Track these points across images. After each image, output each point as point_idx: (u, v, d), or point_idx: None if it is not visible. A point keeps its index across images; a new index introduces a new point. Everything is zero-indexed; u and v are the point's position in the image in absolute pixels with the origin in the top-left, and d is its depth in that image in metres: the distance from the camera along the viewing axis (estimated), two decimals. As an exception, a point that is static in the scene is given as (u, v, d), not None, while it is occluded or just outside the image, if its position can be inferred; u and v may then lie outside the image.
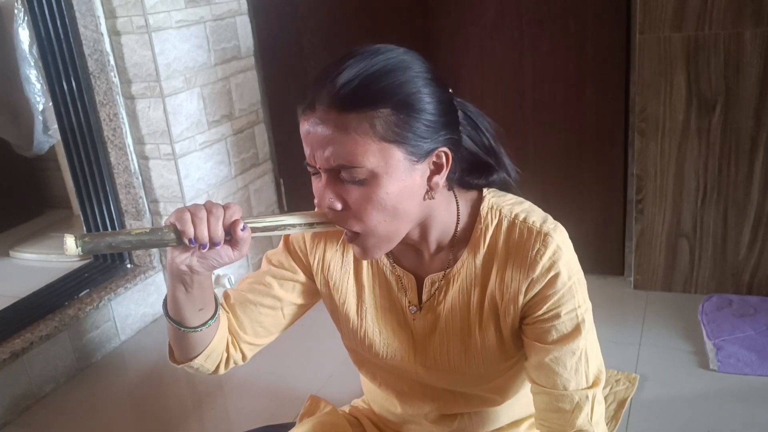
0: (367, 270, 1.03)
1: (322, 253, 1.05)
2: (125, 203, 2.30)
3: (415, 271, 1.00)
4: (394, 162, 0.82)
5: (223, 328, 1.03)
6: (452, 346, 1.00)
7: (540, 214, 0.95)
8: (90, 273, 2.31)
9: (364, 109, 0.80)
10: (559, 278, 0.90)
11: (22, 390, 1.91)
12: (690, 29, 1.90)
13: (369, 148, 0.80)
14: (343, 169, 0.82)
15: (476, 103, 2.52)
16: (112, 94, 2.16)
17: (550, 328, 0.92)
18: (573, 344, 0.92)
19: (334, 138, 0.80)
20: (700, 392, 1.67)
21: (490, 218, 0.95)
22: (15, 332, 1.96)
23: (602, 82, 2.12)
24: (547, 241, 0.90)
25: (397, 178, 0.83)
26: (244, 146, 2.50)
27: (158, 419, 1.85)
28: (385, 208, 0.84)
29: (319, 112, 0.81)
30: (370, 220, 0.85)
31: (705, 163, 2.00)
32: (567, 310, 0.92)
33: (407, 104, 0.81)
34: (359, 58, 0.82)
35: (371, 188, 0.82)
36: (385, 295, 1.03)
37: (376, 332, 1.05)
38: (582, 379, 0.94)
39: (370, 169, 0.81)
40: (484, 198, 0.97)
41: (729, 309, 1.98)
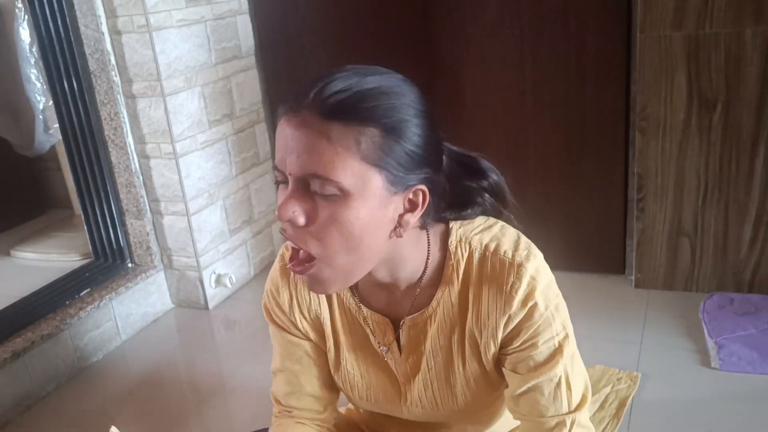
0: (339, 315, 0.99)
1: (299, 307, 1.00)
2: (126, 202, 2.30)
3: (388, 312, 0.96)
4: (371, 187, 0.77)
5: None
6: (437, 386, 0.98)
7: (510, 239, 0.91)
8: (91, 272, 2.31)
9: (352, 122, 0.75)
10: (536, 310, 0.87)
11: (24, 389, 1.91)
12: (691, 28, 1.90)
13: (349, 164, 0.75)
14: (316, 179, 0.76)
15: (476, 101, 2.54)
16: (113, 94, 2.16)
17: (527, 358, 0.90)
18: (551, 372, 0.89)
19: (314, 144, 0.75)
20: (702, 391, 1.67)
21: (460, 252, 0.90)
22: (16, 331, 1.96)
23: (603, 80, 2.12)
24: (520, 273, 0.87)
25: (371, 205, 0.78)
26: (245, 145, 2.50)
27: (159, 419, 1.85)
28: (350, 235, 0.78)
29: (302, 115, 0.76)
30: (332, 244, 0.78)
31: (706, 161, 2.00)
32: (544, 339, 0.89)
33: (395, 129, 0.77)
34: (355, 72, 0.78)
35: (341, 208, 0.77)
36: (361, 340, 0.99)
37: (357, 376, 1.02)
38: (562, 406, 0.91)
39: (344, 187, 0.76)
40: (452, 230, 0.91)
41: (730, 307, 1.98)
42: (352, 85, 0.76)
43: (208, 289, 2.37)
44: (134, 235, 2.35)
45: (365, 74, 0.78)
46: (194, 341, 2.25)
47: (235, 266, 2.50)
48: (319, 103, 0.75)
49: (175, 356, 2.17)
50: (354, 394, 1.03)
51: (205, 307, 2.38)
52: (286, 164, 0.77)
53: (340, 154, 0.75)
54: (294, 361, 1.03)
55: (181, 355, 2.18)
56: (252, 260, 2.59)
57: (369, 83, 0.77)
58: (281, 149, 0.78)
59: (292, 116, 0.77)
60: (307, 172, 0.76)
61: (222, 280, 2.40)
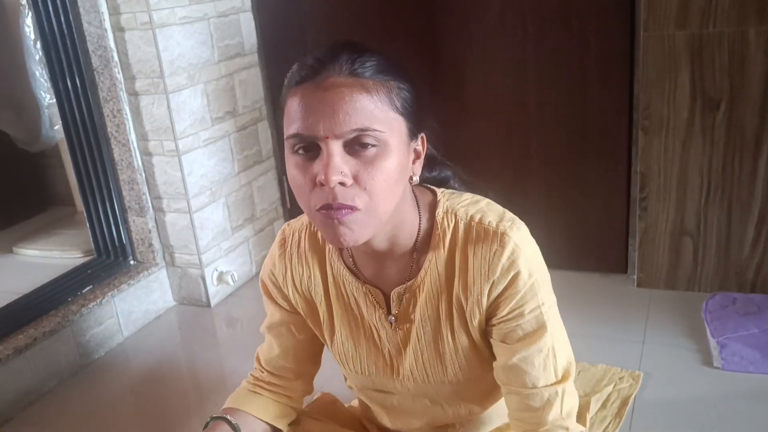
0: (332, 288, 1.02)
1: (292, 280, 1.05)
2: (128, 199, 2.30)
3: (378, 284, 0.99)
4: (401, 135, 0.84)
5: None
6: (427, 356, 1.00)
7: (496, 212, 0.94)
8: (93, 269, 2.32)
9: (383, 77, 0.82)
10: (519, 277, 0.90)
11: (26, 385, 1.91)
12: (694, 27, 1.90)
13: (387, 114, 0.82)
14: (365, 133, 0.79)
15: (479, 100, 2.55)
16: (116, 90, 2.16)
17: (515, 328, 0.92)
18: (540, 342, 0.92)
19: (356, 100, 0.79)
20: (704, 390, 1.67)
21: (446, 222, 0.94)
22: (18, 328, 1.96)
23: (606, 79, 2.12)
24: (504, 241, 0.90)
25: (401, 152, 0.84)
26: (248, 143, 2.50)
27: (161, 416, 1.85)
28: (391, 182, 0.83)
29: (333, 76, 0.80)
30: (378, 193, 0.82)
31: (709, 161, 2.00)
32: (530, 308, 0.91)
33: (410, 83, 0.85)
34: (353, 43, 0.85)
35: (382, 158, 0.81)
36: (354, 313, 1.03)
37: (351, 349, 1.05)
38: (551, 375, 0.93)
39: (386, 137, 0.81)
40: (439, 202, 0.96)
41: (733, 307, 1.98)
42: (367, 49, 0.83)
43: (210, 286, 2.37)
44: (136, 233, 2.35)
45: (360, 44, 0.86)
46: (196, 339, 2.25)
47: (237, 264, 2.50)
48: (350, 66, 0.81)
49: (177, 353, 2.17)
50: (348, 367, 1.08)
51: (207, 304, 2.39)
52: (321, 128, 0.79)
53: (380, 107, 0.81)
54: (276, 332, 1.12)
55: (183, 353, 2.18)
56: (254, 258, 2.59)
57: (372, 51, 0.85)
58: (310, 115, 0.80)
59: (320, 79, 0.81)
60: (354, 127, 0.79)
61: (224, 278, 2.40)
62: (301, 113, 0.81)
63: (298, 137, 0.82)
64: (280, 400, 1.13)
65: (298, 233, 1.05)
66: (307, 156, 0.82)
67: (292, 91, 0.83)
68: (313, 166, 0.81)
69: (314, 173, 0.81)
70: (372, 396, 1.14)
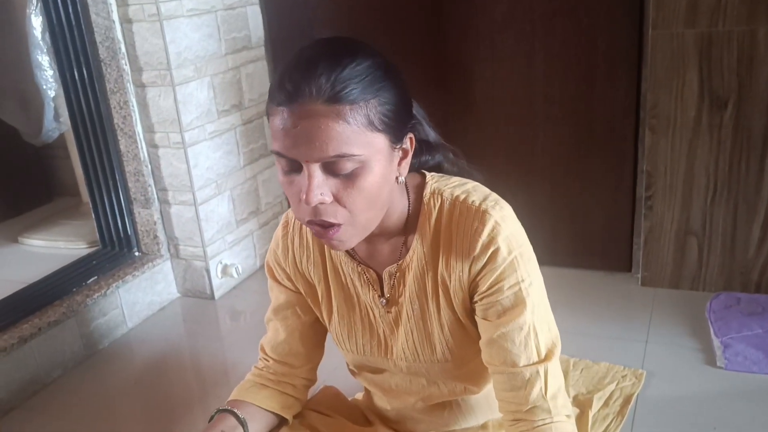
0: (331, 269, 1.06)
1: (293, 261, 1.09)
2: (134, 191, 2.30)
3: (372, 264, 1.03)
4: (381, 149, 0.85)
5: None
6: (416, 335, 1.03)
7: (481, 193, 0.97)
8: (98, 260, 2.32)
9: (363, 98, 0.82)
10: (498, 253, 0.92)
11: (30, 375, 1.92)
12: (703, 25, 1.89)
13: (363, 137, 0.82)
14: (341, 159, 0.81)
15: (485, 96, 2.54)
16: (123, 82, 2.16)
17: (494, 303, 0.94)
18: (519, 319, 0.93)
19: (331, 129, 0.80)
20: (707, 390, 1.67)
21: (432, 203, 0.97)
22: (23, 318, 1.97)
23: (613, 77, 2.11)
24: (485, 219, 0.92)
25: (382, 165, 0.86)
26: (253, 136, 2.50)
27: (164, 407, 1.85)
28: (371, 195, 0.86)
29: (308, 104, 0.80)
30: (357, 208, 0.85)
31: (716, 160, 1.99)
32: (509, 284, 0.93)
33: (388, 93, 0.85)
34: (331, 52, 0.83)
35: (361, 176, 0.84)
36: (350, 293, 1.06)
37: (347, 329, 1.08)
38: (532, 354, 0.94)
39: (364, 158, 0.83)
40: (427, 184, 0.99)
41: (737, 307, 1.97)
42: (343, 68, 0.81)
43: (214, 279, 2.38)
44: (141, 224, 2.35)
45: (342, 52, 0.83)
46: (200, 330, 2.26)
47: (242, 257, 2.50)
48: (327, 90, 0.80)
49: (181, 345, 2.18)
50: (345, 347, 1.11)
51: (211, 296, 2.39)
52: (301, 153, 0.81)
53: (356, 131, 0.81)
54: (282, 315, 1.13)
55: (187, 344, 2.18)
56: (258, 251, 2.59)
57: (353, 61, 0.82)
58: (289, 139, 0.82)
59: (296, 107, 0.81)
60: (331, 154, 0.81)
61: (228, 271, 2.40)
62: (281, 135, 0.83)
63: (280, 155, 0.85)
64: (286, 390, 1.14)
65: None
66: (291, 169, 0.86)
67: (273, 109, 0.84)
68: (297, 180, 0.85)
69: (298, 188, 0.85)
70: (369, 378, 1.16)
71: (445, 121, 1.04)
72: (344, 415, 1.22)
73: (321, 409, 1.21)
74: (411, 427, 1.18)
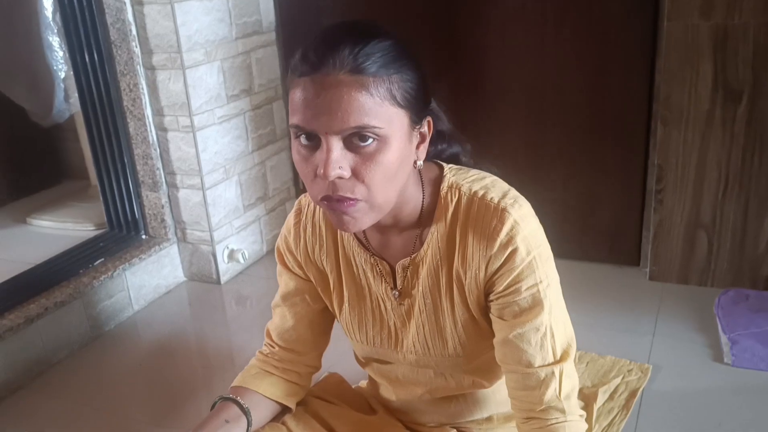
0: (343, 258, 1.05)
1: (305, 249, 1.07)
2: (142, 174, 2.30)
3: (385, 256, 1.01)
4: (402, 126, 0.84)
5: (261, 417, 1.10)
6: (428, 329, 1.01)
7: (500, 189, 0.95)
8: (105, 242, 2.33)
9: (386, 72, 0.81)
10: (517, 254, 0.90)
11: (36, 355, 1.93)
12: (719, 17, 1.86)
13: (385, 111, 0.82)
14: (363, 130, 0.80)
15: (496, 85, 2.52)
16: (133, 65, 2.15)
17: (512, 304, 0.93)
18: (536, 320, 0.92)
19: (354, 99, 0.79)
20: (713, 385, 1.66)
21: (450, 197, 0.95)
22: (30, 298, 1.97)
23: (626, 68, 2.09)
24: (503, 217, 0.90)
25: (402, 143, 0.85)
26: (262, 122, 2.49)
27: (168, 390, 1.86)
28: (389, 173, 0.84)
29: (332, 74, 0.80)
30: (375, 185, 0.84)
31: (728, 154, 1.97)
32: (527, 285, 0.91)
33: (411, 71, 0.85)
34: (355, 28, 0.84)
35: (381, 152, 0.82)
36: (361, 284, 1.05)
37: (357, 319, 1.07)
38: (548, 355, 0.93)
39: (385, 132, 0.82)
40: (444, 177, 0.97)
41: (745, 304, 1.96)
42: (366, 44, 0.81)
43: (220, 263, 2.38)
44: (149, 207, 2.35)
45: (365, 31, 0.84)
46: (205, 315, 2.26)
47: (248, 242, 2.50)
48: (351, 61, 0.80)
49: (186, 329, 2.18)
50: (355, 337, 1.10)
51: (217, 281, 2.39)
52: (321, 124, 0.80)
53: (379, 104, 0.81)
54: (290, 302, 1.12)
55: (192, 329, 2.19)
56: (265, 237, 2.59)
57: (376, 39, 0.83)
58: (310, 110, 0.80)
59: (319, 77, 0.80)
60: (352, 125, 0.80)
61: (235, 256, 2.40)
62: (301, 107, 0.82)
63: (299, 129, 0.83)
64: (290, 378, 1.13)
65: (313, 204, 1.07)
66: (309, 145, 0.84)
67: (295, 81, 0.84)
68: (314, 156, 0.83)
69: (315, 164, 0.83)
70: (377, 368, 1.16)
71: (453, 111, 1.02)
72: (348, 403, 1.21)
73: (325, 396, 1.20)
74: (416, 417, 1.18)
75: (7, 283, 2.08)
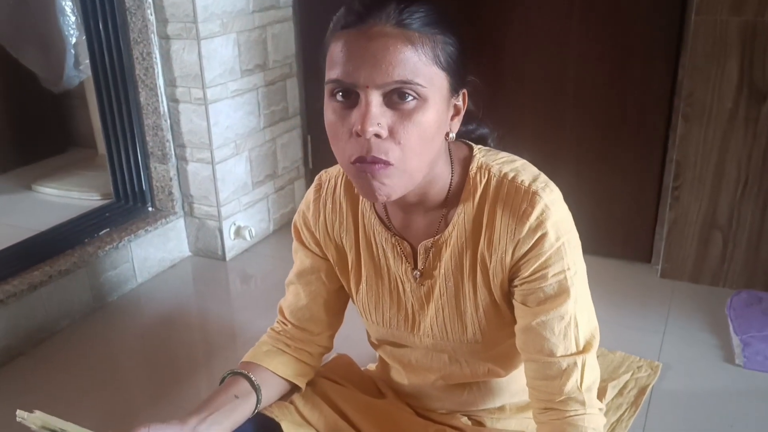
0: (363, 237, 1.02)
1: (324, 225, 1.05)
2: (152, 145, 2.27)
3: (407, 236, 0.99)
4: (442, 90, 0.82)
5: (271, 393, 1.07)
6: (448, 312, 0.99)
7: (531, 172, 0.92)
8: (111, 213, 2.30)
9: (431, 31, 0.80)
10: (546, 239, 0.88)
11: (38, 323, 1.91)
12: (750, 14, 1.82)
13: (429, 69, 0.80)
14: (405, 86, 0.78)
15: (516, 72, 2.47)
16: (147, 33, 2.11)
17: (537, 290, 0.90)
18: (561, 308, 0.89)
19: (400, 52, 0.78)
20: (724, 387, 1.64)
21: (479, 178, 0.92)
22: (34, 264, 1.95)
23: (650, 61, 2.05)
24: (534, 201, 0.88)
25: (440, 108, 0.83)
26: (275, 99, 2.46)
27: (168, 364, 1.84)
28: (426, 137, 0.82)
29: (378, 25, 0.78)
30: (411, 148, 0.81)
31: (749, 154, 1.94)
32: (555, 272, 0.89)
33: (456, 36, 0.83)
34: None
35: (419, 112, 0.80)
36: (381, 264, 1.02)
37: (374, 300, 1.05)
38: (571, 345, 0.90)
39: (426, 92, 0.79)
40: (474, 157, 0.94)
41: (758, 306, 1.93)
42: (413, 2, 0.80)
43: (227, 240, 2.35)
44: (157, 180, 2.32)
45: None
46: (209, 291, 2.24)
47: (255, 220, 2.47)
48: (398, 15, 0.78)
49: (189, 304, 2.16)
50: (370, 318, 1.07)
51: (222, 258, 2.37)
52: (361, 77, 0.78)
53: (423, 61, 0.79)
54: (305, 280, 1.09)
55: (195, 304, 2.16)
56: (272, 215, 2.56)
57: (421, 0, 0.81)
58: (352, 63, 0.78)
59: (365, 28, 0.78)
60: (396, 79, 0.78)
61: (241, 232, 2.37)
62: (343, 59, 0.79)
63: (338, 83, 0.80)
64: (302, 357, 1.11)
65: (334, 180, 1.05)
66: (345, 103, 0.81)
67: (337, 35, 0.81)
68: (350, 115, 0.81)
69: (351, 122, 0.80)
70: (390, 351, 1.13)
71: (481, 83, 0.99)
72: (356, 385, 1.19)
73: (334, 378, 1.18)
74: (426, 403, 1.16)
75: (11, 249, 2.05)
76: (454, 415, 1.14)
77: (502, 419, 1.14)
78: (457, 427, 1.11)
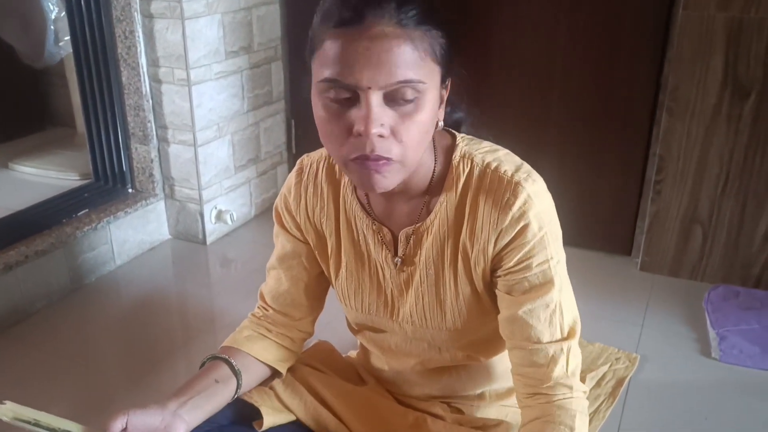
0: (344, 222, 1.02)
1: (305, 210, 1.04)
2: (133, 126, 2.23)
3: (388, 223, 0.99)
4: (435, 83, 0.83)
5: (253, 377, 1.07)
6: (428, 300, 0.99)
7: (513, 162, 0.93)
8: (90, 193, 2.26)
9: (426, 26, 0.79)
10: (528, 229, 0.88)
11: (14, 303, 1.88)
12: (736, 10, 1.83)
13: (427, 65, 0.80)
14: (408, 85, 0.78)
15: (503, 62, 2.46)
16: (130, 11, 2.07)
17: (521, 280, 0.91)
18: (547, 297, 0.90)
19: (403, 52, 0.77)
20: (700, 379, 1.66)
21: (462, 167, 0.92)
22: (10, 244, 1.91)
23: (636, 55, 2.06)
24: (517, 191, 0.88)
25: (433, 101, 0.83)
26: (259, 82, 2.43)
27: (146, 348, 1.82)
28: (424, 130, 0.83)
29: (378, 25, 0.76)
30: (411, 143, 0.82)
31: (731, 150, 1.95)
32: (538, 261, 0.90)
33: (449, 29, 0.83)
34: None
35: (419, 109, 0.80)
36: (361, 250, 1.02)
37: (354, 285, 1.05)
38: (557, 331, 0.92)
39: (426, 88, 0.80)
40: (457, 146, 0.94)
41: (735, 300, 1.95)
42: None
43: (207, 223, 2.33)
44: (138, 161, 2.29)
45: None
46: (189, 275, 2.22)
47: (237, 204, 2.45)
48: (393, 15, 0.77)
49: (168, 287, 2.13)
50: (349, 304, 1.07)
51: (202, 241, 2.34)
52: (364, 79, 0.77)
53: (422, 58, 0.79)
54: (287, 264, 1.09)
55: (174, 288, 2.14)
56: (254, 200, 2.54)
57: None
58: (354, 64, 0.77)
59: (363, 28, 0.76)
60: (399, 79, 0.77)
61: (222, 217, 2.35)
62: (342, 60, 0.77)
63: (336, 83, 0.78)
64: (283, 342, 1.10)
65: (316, 164, 1.04)
66: (342, 101, 0.80)
67: (332, 33, 0.78)
68: (348, 114, 0.79)
69: (350, 122, 0.79)
70: (370, 336, 1.13)
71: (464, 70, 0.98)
72: (337, 372, 1.19)
73: (314, 364, 1.17)
74: (406, 390, 1.15)
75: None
76: (432, 403, 1.14)
77: (482, 407, 1.15)
78: (437, 414, 1.11)
